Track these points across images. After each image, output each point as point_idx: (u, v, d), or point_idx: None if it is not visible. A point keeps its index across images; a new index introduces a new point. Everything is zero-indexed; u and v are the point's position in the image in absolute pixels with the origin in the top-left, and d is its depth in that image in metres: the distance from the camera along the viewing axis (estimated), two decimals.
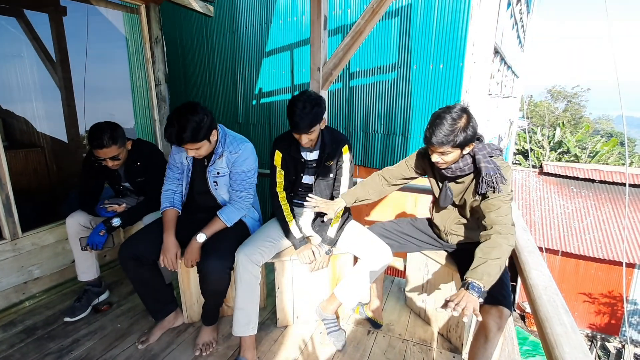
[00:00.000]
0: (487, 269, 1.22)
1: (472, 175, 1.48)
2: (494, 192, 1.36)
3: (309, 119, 1.58)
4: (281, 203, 1.81)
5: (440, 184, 1.61)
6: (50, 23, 3.35)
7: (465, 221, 1.61)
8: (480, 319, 1.26)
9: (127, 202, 2.10)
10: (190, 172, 1.77)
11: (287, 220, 1.78)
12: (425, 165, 1.65)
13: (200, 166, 1.76)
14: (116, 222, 1.89)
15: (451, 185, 1.56)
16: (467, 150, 1.39)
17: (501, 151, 1.45)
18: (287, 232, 1.78)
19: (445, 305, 1.20)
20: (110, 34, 3.46)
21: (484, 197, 1.41)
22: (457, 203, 1.59)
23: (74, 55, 3.45)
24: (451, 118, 1.32)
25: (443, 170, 1.48)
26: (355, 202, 1.83)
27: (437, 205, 1.69)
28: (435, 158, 1.41)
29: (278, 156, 1.79)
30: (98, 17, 3.50)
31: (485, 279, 1.21)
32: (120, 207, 2.02)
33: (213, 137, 1.61)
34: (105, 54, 3.71)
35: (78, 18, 3.44)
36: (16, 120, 3.40)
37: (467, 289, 1.20)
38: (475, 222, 1.60)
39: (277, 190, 1.82)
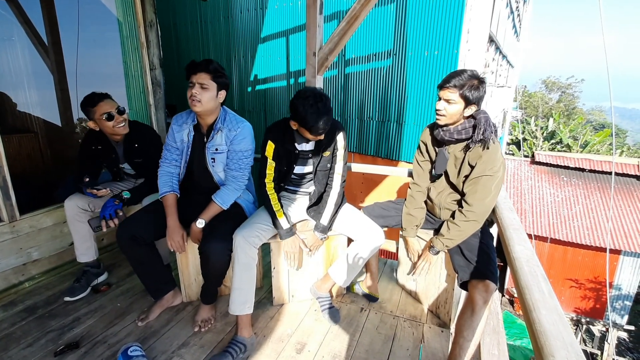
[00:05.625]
0: (447, 242, 1.63)
1: (466, 145, 1.54)
2: (487, 143, 1.46)
3: (329, 119, 1.61)
4: (269, 193, 1.78)
5: (437, 150, 1.68)
6: (42, 5, 3.29)
7: (458, 197, 1.67)
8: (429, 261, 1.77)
9: (125, 185, 2.12)
10: (190, 149, 1.79)
11: (274, 210, 1.76)
12: (426, 140, 1.73)
13: (199, 143, 1.78)
14: (126, 194, 1.92)
15: (448, 150, 1.62)
16: (468, 112, 1.48)
17: (496, 131, 1.55)
18: (274, 222, 1.77)
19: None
20: (102, 17, 3.41)
21: (472, 168, 1.51)
22: (451, 175, 1.65)
23: (66, 39, 3.40)
24: (468, 74, 1.45)
25: (442, 132, 1.56)
26: (416, 228, 1.84)
27: (431, 174, 1.76)
28: (439, 105, 1.51)
29: (270, 147, 1.75)
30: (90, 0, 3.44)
31: (444, 247, 1.66)
32: (103, 192, 1.98)
33: (221, 95, 1.68)
34: (98, 37, 3.66)
35: (70, 1, 3.38)
36: (8, 105, 3.36)
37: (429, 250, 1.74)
38: None
39: (266, 180, 1.79)
